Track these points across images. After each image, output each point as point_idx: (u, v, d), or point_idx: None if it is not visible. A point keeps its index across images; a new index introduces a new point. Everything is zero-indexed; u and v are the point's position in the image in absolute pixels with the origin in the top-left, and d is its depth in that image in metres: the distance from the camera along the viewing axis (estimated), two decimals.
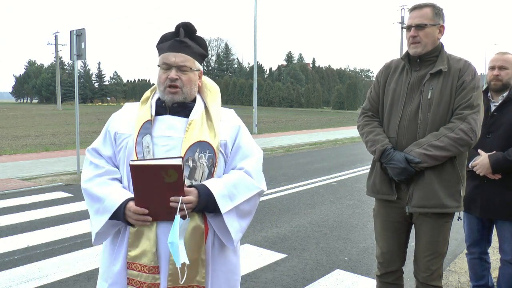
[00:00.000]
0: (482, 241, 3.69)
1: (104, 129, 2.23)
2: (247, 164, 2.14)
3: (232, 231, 2.04)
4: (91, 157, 2.17)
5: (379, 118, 3.00)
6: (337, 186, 9.66)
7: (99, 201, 2.04)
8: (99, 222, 2.04)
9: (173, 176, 1.88)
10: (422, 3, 2.84)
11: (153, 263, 1.97)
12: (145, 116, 2.11)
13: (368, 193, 3.03)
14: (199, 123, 2.11)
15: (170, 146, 2.05)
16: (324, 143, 19.87)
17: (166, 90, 2.11)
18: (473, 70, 2.78)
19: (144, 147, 2.03)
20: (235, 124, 2.22)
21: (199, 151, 2.03)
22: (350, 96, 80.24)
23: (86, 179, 2.11)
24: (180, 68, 2.10)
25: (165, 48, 2.14)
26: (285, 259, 5.08)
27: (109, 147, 2.16)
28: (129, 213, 1.96)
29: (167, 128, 2.09)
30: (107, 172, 2.11)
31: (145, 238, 1.98)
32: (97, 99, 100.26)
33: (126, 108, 2.27)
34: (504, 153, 3.26)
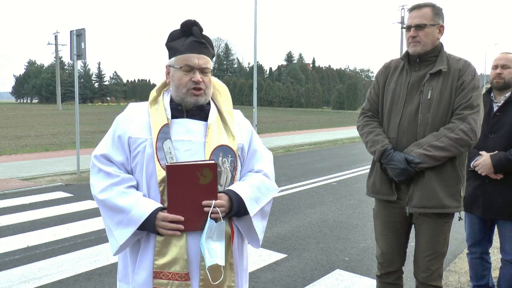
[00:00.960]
0: (483, 241, 3.70)
1: (111, 132, 2.09)
2: (264, 167, 2.19)
3: (258, 232, 2.12)
4: (100, 164, 2.03)
5: (379, 118, 3.00)
6: (337, 186, 9.66)
7: (123, 212, 1.94)
8: (124, 234, 1.95)
9: (208, 176, 1.89)
10: (422, 3, 2.84)
11: (185, 270, 1.92)
12: (162, 120, 2.03)
13: (368, 193, 3.03)
14: (216, 126, 2.09)
15: (193, 151, 2.00)
16: (324, 143, 19.88)
17: (189, 92, 2.04)
18: (473, 70, 2.78)
19: (166, 153, 1.96)
20: (249, 127, 2.25)
21: (222, 156, 2.02)
22: (350, 96, 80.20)
23: (101, 189, 1.99)
24: (202, 70, 2.06)
25: (184, 49, 2.04)
26: (285, 259, 5.08)
27: (120, 152, 2.04)
28: (161, 223, 1.89)
29: (186, 132, 2.03)
30: (123, 180, 1.99)
31: (174, 245, 1.92)
32: (97, 99, 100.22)
33: (133, 109, 2.15)
34: (506, 153, 3.26)
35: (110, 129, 2.12)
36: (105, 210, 2.00)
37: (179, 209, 1.90)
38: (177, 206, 1.90)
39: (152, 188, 1.98)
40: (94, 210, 7.30)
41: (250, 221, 2.06)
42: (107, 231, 2.03)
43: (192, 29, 2.06)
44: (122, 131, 2.05)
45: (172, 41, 2.09)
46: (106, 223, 2.03)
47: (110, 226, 2.00)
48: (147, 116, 2.07)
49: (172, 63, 2.07)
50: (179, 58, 2.05)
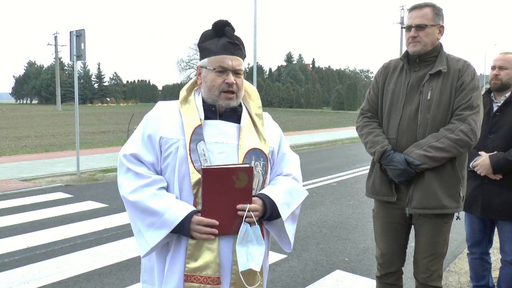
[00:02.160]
0: (483, 241, 3.70)
1: (140, 132, 2.05)
2: (292, 170, 2.20)
3: (290, 236, 2.13)
4: (130, 164, 1.98)
5: (378, 119, 2.99)
6: (337, 186, 9.66)
7: (156, 215, 1.90)
8: (156, 236, 1.91)
9: (243, 180, 1.88)
10: (422, 3, 2.83)
11: (217, 274, 1.91)
12: (195, 121, 1.99)
13: (368, 194, 3.03)
14: (248, 129, 2.07)
15: (227, 154, 1.97)
16: (324, 144, 19.88)
17: (222, 95, 2.02)
18: (473, 70, 2.78)
19: (200, 155, 1.93)
20: (278, 130, 2.26)
21: (254, 159, 2.01)
22: (350, 96, 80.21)
23: (131, 190, 1.95)
24: (236, 72, 2.03)
25: (218, 50, 2.01)
26: (285, 259, 5.07)
27: (151, 152, 1.99)
28: (196, 227, 1.87)
29: (219, 134, 2.00)
30: (154, 182, 1.95)
31: (206, 249, 1.90)
32: (96, 100, 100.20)
33: (162, 108, 2.09)
34: (505, 154, 3.26)
35: (139, 127, 2.08)
36: (135, 212, 1.96)
37: (213, 212, 1.89)
38: (211, 209, 1.89)
39: (184, 190, 1.95)
40: (94, 211, 7.31)
41: (282, 225, 2.07)
42: (136, 233, 2.00)
43: (224, 29, 2.03)
44: (152, 131, 2.01)
45: (204, 42, 2.06)
46: (135, 224, 1.99)
47: (140, 228, 1.96)
48: (179, 116, 2.03)
49: (205, 64, 2.04)
50: (213, 60, 2.02)
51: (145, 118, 2.08)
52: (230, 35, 2.03)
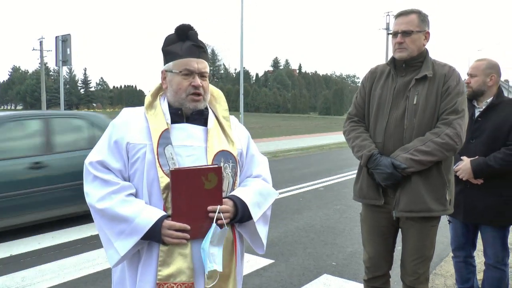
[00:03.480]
0: (467, 245, 3.73)
1: (106, 138, 2.01)
2: (262, 171, 2.20)
3: (263, 238, 2.13)
4: (97, 172, 1.93)
5: (365, 123, 3.01)
6: (324, 191, 9.68)
7: (125, 221, 1.86)
8: (126, 244, 1.86)
9: (213, 181, 1.87)
10: (408, 9, 2.86)
11: (191, 280, 1.87)
12: (161, 125, 1.97)
13: (355, 198, 3.04)
14: (216, 131, 2.07)
15: (195, 157, 1.96)
16: (311, 149, 19.94)
17: (189, 97, 2.00)
18: (458, 75, 2.81)
19: (168, 158, 1.91)
20: (245, 132, 2.25)
21: (223, 161, 1.99)
22: (337, 101, 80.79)
23: (99, 198, 1.90)
24: (201, 75, 2.03)
25: (183, 53, 2.01)
26: (272, 264, 5.07)
27: (118, 159, 1.96)
28: (167, 231, 1.84)
29: (187, 137, 1.99)
30: (122, 188, 1.91)
31: (179, 255, 1.87)
32: (83, 106, 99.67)
33: (129, 114, 2.07)
34: (486, 158, 3.30)
35: (105, 134, 2.04)
36: (103, 220, 1.91)
37: (184, 215, 1.86)
38: (182, 212, 1.86)
39: (154, 195, 1.92)
40: (80, 218, 7.22)
41: (254, 226, 2.06)
42: (105, 243, 1.94)
43: (188, 33, 2.03)
44: (119, 137, 1.97)
45: (168, 46, 2.05)
46: (103, 234, 1.93)
47: (109, 237, 1.90)
48: (145, 121, 2.01)
49: (170, 67, 2.03)
50: (178, 63, 2.01)
51: (110, 125, 2.04)
52: (194, 39, 2.03)
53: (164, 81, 2.08)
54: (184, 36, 2.03)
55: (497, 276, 3.53)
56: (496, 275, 3.53)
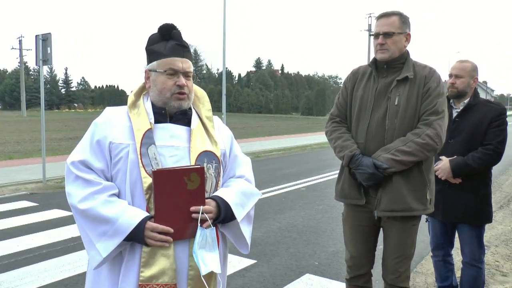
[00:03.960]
0: (445, 244, 3.80)
1: (89, 138, 1.97)
2: (245, 172, 2.20)
3: (247, 237, 2.12)
4: (78, 171, 1.90)
5: (347, 124, 3.03)
6: (306, 191, 9.72)
7: (108, 222, 1.83)
8: (109, 245, 1.84)
9: (195, 181, 1.86)
10: (390, 11, 2.90)
11: (174, 281, 1.86)
12: (145, 124, 1.96)
13: (337, 198, 3.06)
14: (199, 132, 2.06)
15: (179, 157, 1.95)
16: (293, 149, 20.00)
17: (173, 96, 1.99)
18: (438, 77, 2.85)
19: (151, 159, 1.89)
20: (229, 132, 2.25)
21: (206, 162, 1.99)
22: (319, 102, 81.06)
23: (81, 198, 1.86)
24: (186, 74, 2.02)
25: (167, 53, 1.99)
26: (255, 265, 5.07)
27: (101, 159, 1.93)
28: (150, 233, 1.82)
29: (170, 137, 1.98)
30: (105, 188, 1.88)
31: (161, 255, 1.85)
32: (64, 106, 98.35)
33: (111, 114, 2.04)
34: (464, 158, 3.38)
35: (87, 134, 2.00)
36: (85, 221, 1.88)
37: (167, 216, 1.85)
38: (165, 213, 1.84)
39: (137, 196, 1.90)
40: (61, 219, 7.15)
41: (238, 226, 2.06)
42: (87, 244, 1.91)
43: (172, 32, 2.02)
44: (102, 136, 1.95)
45: (152, 45, 2.04)
46: (85, 235, 1.90)
47: (91, 238, 1.87)
48: (128, 120, 1.99)
49: (154, 67, 2.01)
50: (163, 62, 2.00)
51: (93, 124, 2.01)
52: (178, 38, 2.03)
53: (147, 81, 2.06)
54: (168, 36, 2.02)
55: (474, 274, 3.63)
56: (473, 272, 3.63)
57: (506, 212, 7.84)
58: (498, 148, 3.38)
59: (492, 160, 3.39)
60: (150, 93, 2.05)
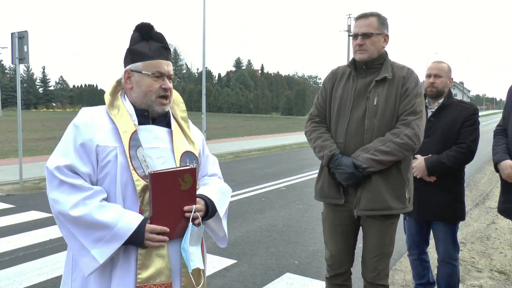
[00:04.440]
0: (420, 242, 3.88)
1: (70, 141, 1.89)
2: (216, 170, 2.31)
3: (226, 232, 2.23)
4: (64, 176, 1.82)
5: (326, 124, 3.06)
6: (286, 191, 9.75)
7: (106, 227, 1.80)
8: (107, 251, 1.81)
9: (188, 182, 1.91)
10: (368, 12, 2.93)
11: (170, 280, 1.89)
12: (130, 126, 1.93)
13: (317, 198, 3.08)
14: (178, 132, 2.09)
15: (165, 158, 1.97)
16: (273, 149, 20.04)
17: (158, 100, 2.00)
18: (416, 77, 2.90)
19: (141, 161, 1.88)
20: (200, 133, 2.30)
21: (188, 161, 2.03)
22: (299, 102, 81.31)
23: (72, 205, 1.80)
24: (169, 77, 2.03)
25: (153, 55, 1.98)
26: (235, 264, 5.07)
27: (87, 163, 1.87)
28: (149, 235, 1.84)
29: (154, 139, 1.98)
30: (96, 193, 1.84)
31: (157, 256, 1.88)
32: (41, 105, 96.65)
33: (91, 115, 1.97)
34: (439, 156, 3.46)
35: (68, 136, 1.92)
36: (78, 228, 1.82)
37: (163, 217, 1.88)
38: (161, 214, 1.87)
39: (128, 198, 1.89)
40: (38, 221, 7.04)
41: (220, 222, 2.15)
42: (78, 251, 1.85)
43: (152, 33, 2.02)
44: (86, 139, 1.88)
45: (135, 45, 2.01)
46: (76, 242, 1.84)
47: (84, 245, 1.82)
48: (110, 122, 1.95)
49: (139, 68, 1.99)
50: (149, 64, 1.98)
51: (73, 126, 1.93)
52: (161, 40, 2.03)
53: (128, 81, 2.03)
54: (148, 36, 2.02)
55: (449, 271, 3.71)
56: (448, 270, 3.71)
57: (482, 210, 7.99)
58: (471, 146, 3.48)
59: (466, 159, 3.48)
60: (132, 94, 2.03)
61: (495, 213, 7.39)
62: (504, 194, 3.32)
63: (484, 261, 5.27)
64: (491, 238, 6.22)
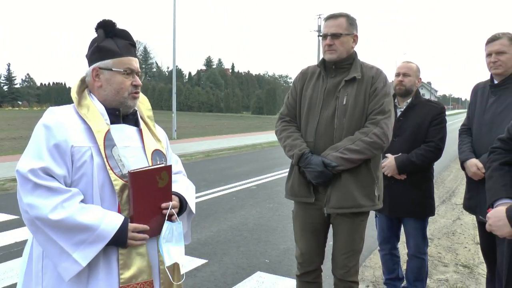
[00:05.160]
0: (391, 238, 3.96)
1: (43, 142, 1.82)
2: (180, 168, 2.34)
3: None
4: (39, 179, 1.75)
5: (296, 123, 3.08)
6: (257, 189, 9.77)
7: (88, 230, 1.77)
8: (90, 253, 1.78)
9: (165, 179, 1.93)
10: (337, 13, 2.96)
11: (151, 277, 1.92)
12: (102, 126, 1.91)
13: (287, 196, 3.10)
14: (145, 131, 2.10)
15: (138, 157, 1.98)
16: (244, 148, 20.04)
17: (130, 96, 1.99)
18: (384, 77, 2.95)
19: (117, 161, 1.88)
20: (163, 132, 2.31)
21: (158, 160, 2.05)
22: (269, 101, 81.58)
23: (51, 208, 1.74)
24: (138, 74, 2.03)
25: (122, 52, 1.98)
26: (206, 264, 5.05)
27: (61, 164, 1.82)
28: (132, 234, 1.84)
29: (126, 138, 1.99)
30: (74, 195, 1.80)
31: (137, 255, 1.89)
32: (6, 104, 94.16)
33: (61, 115, 1.91)
34: (408, 155, 3.56)
35: (39, 138, 1.84)
36: (58, 232, 1.76)
37: (143, 216, 1.89)
38: (142, 213, 1.89)
39: (106, 199, 1.87)
40: (3, 223, 6.84)
41: (185, 218, 2.17)
42: (57, 256, 1.79)
43: (116, 30, 2.01)
44: (60, 140, 1.82)
45: (102, 43, 1.99)
46: (54, 247, 1.78)
47: (64, 248, 1.77)
48: (81, 121, 1.92)
49: (109, 65, 1.96)
50: (120, 61, 1.97)
51: (43, 127, 1.86)
52: (127, 36, 2.04)
53: (97, 79, 1.99)
54: (112, 33, 2.01)
55: (418, 265, 3.83)
56: (417, 264, 3.82)
57: (448, 206, 8.18)
58: (438, 145, 3.58)
59: (434, 157, 3.59)
60: (102, 92, 2.00)
61: (460, 209, 7.59)
62: (469, 191, 3.43)
63: (450, 256, 5.40)
64: (457, 234, 6.38)
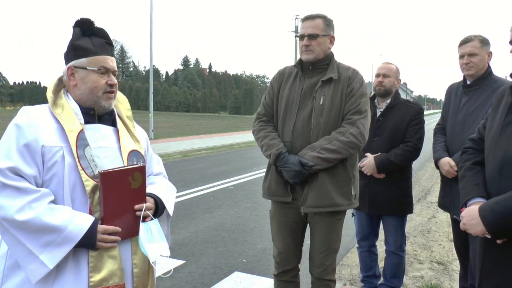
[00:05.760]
0: (371, 235, 4.03)
1: (13, 141, 1.79)
2: (161, 169, 2.30)
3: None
4: (7, 179, 1.72)
5: (273, 123, 3.09)
6: (234, 189, 9.76)
7: (56, 231, 1.73)
8: (58, 255, 1.74)
9: (138, 180, 1.89)
10: (314, 14, 2.98)
11: (123, 281, 1.88)
12: (76, 125, 1.88)
13: (264, 196, 3.11)
14: (123, 131, 2.07)
15: (112, 158, 1.94)
16: (221, 148, 20.02)
17: (105, 96, 1.96)
18: (361, 78, 2.98)
19: (89, 161, 1.84)
20: (144, 132, 2.28)
21: (135, 160, 2.01)
22: (247, 101, 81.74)
23: (18, 209, 1.70)
24: (114, 73, 2.00)
25: (98, 50, 1.95)
26: (184, 265, 5.03)
27: (31, 164, 1.78)
28: (101, 236, 1.80)
29: (101, 138, 1.95)
30: (43, 196, 1.76)
31: (109, 257, 1.84)
32: None
33: (34, 114, 1.89)
34: (387, 154, 3.62)
35: (9, 137, 1.82)
36: (24, 233, 1.73)
37: (114, 217, 1.85)
38: (113, 214, 1.84)
39: (77, 200, 1.83)
40: None
41: (165, 221, 2.14)
42: (23, 258, 1.76)
43: (93, 28, 1.98)
44: (31, 139, 1.80)
45: (77, 41, 1.96)
46: (21, 249, 1.75)
47: (31, 250, 1.74)
48: (54, 121, 1.89)
49: (84, 64, 1.94)
50: (94, 60, 1.95)
51: (14, 127, 1.83)
52: (104, 35, 2.01)
53: (72, 78, 1.97)
54: (90, 31, 1.98)
55: (396, 262, 3.91)
56: (395, 260, 3.90)
57: (424, 205, 8.32)
58: (416, 145, 3.65)
59: (412, 156, 3.66)
60: (76, 91, 1.97)
61: (435, 207, 7.73)
62: (443, 189, 3.51)
63: (425, 253, 5.50)
64: (432, 231, 6.49)
